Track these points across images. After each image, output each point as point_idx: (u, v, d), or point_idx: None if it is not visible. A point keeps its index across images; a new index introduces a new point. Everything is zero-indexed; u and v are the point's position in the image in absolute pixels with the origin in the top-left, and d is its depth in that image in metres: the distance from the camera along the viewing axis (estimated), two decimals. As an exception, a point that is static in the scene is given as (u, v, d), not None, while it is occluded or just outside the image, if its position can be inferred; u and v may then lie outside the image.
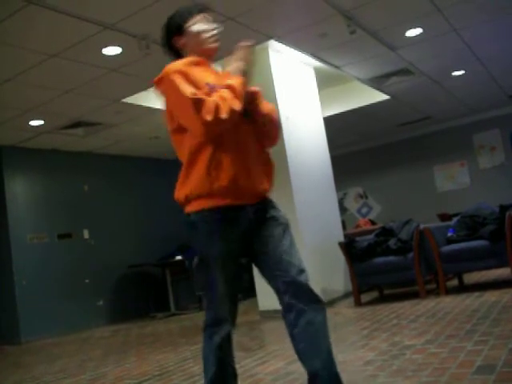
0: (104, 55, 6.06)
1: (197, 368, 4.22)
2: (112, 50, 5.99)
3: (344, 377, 3.18)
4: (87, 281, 9.51)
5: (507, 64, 8.95)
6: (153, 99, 8.02)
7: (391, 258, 6.36)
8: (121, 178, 10.66)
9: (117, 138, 9.58)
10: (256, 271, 7.18)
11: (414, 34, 6.97)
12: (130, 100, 7.71)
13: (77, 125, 8.45)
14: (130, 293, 10.10)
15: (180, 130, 2.34)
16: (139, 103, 7.90)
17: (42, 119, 7.89)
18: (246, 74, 2.33)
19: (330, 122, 8.54)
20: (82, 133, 8.88)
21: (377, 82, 8.89)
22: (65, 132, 8.67)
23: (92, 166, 10.19)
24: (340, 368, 3.38)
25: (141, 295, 10.23)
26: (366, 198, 14.02)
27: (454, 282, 6.82)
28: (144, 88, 7.36)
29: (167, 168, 11.47)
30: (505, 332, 3.69)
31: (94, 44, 5.73)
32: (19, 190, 9.01)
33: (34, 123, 7.99)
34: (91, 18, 5.16)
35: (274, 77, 6.76)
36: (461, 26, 6.93)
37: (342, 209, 13.07)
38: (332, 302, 6.83)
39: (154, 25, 5.50)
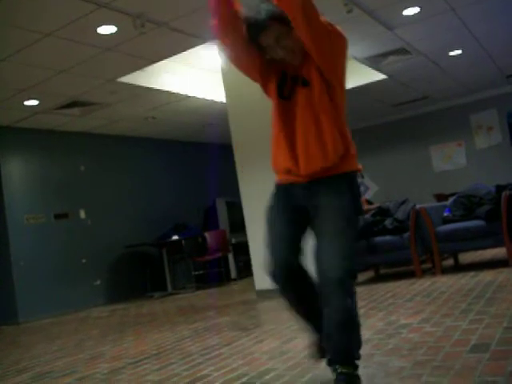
0: (99, 34, 6.01)
1: (194, 347, 4.24)
2: (107, 29, 5.94)
3: (340, 355, 3.20)
4: (84, 261, 9.53)
5: (505, 44, 8.91)
6: (148, 78, 7.98)
7: (387, 238, 6.38)
8: (117, 158, 10.64)
9: (113, 118, 9.54)
10: (252, 252, 7.15)
11: (411, 13, 6.92)
12: (125, 79, 7.66)
13: (72, 105, 8.41)
14: (127, 273, 10.14)
15: None
16: (135, 83, 7.85)
17: (37, 99, 7.84)
18: None
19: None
20: (78, 113, 8.84)
21: (374, 62, 8.85)
22: (60, 112, 8.63)
23: (88, 146, 10.16)
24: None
25: (138, 275, 10.26)
26: (363, 177, 14.00)
27: (450, 262, 6.86)
28: (139, 67, 7.32)
29: (164, 148, 11.51)
30: (499, 311, 3.72)
31: (88, 23, 5.68)
32: (15, 170, 8.99)
33: (29, 103, 7.95)
34: (86, -4, 5.11)
35: None
36: (458, 5, 6.88)
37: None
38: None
39: (148, 3, 5.48)
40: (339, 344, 2.43)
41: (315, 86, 2.45)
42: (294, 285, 2.55)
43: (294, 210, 2.55)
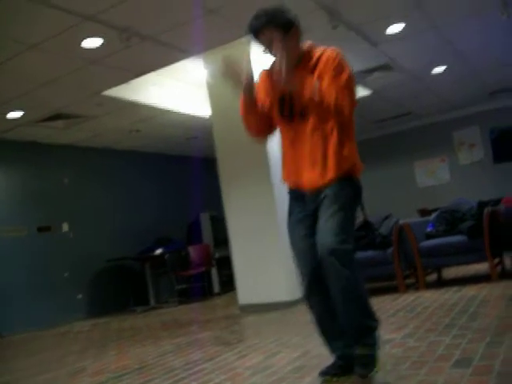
0: (84, 47, 5.99)
1: (177, 362, 4.21)
2: (92, 42, 5.92)
3: (323, 370, 3.19)
4: (66, 274, 9.45)
5: (488, 61, 9.03)
6: (133, 92, 7.96)
7: (371, 253, 6.39)
8: (101, 171, 10.58)
9: (97, 131, 9.51)
10: (235, 266, 7.15)
11: (395, 30, 6.99)
12: (110, 92, 7.64)
13: (57, 117, 8.36)
14: (109, 286, 10.05)
15: None
16: (120, 96, 7.83)
17: (21, 110, 7.79)
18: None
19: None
20: (62, 125, 8.79)
21: (358, 77, 8.90)
22: (44, 124, 8.58)
23: (72, 158, 10.10)
24: (318, 361, 3.40)
25: (120, 289, 10.18)
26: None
27: (433, 277, 6.87)
28: (125, 80, 7.30)
29: (148, 161, 11.48)
30: (482, 326, 3.73)
31: (74, 35, 5.66)
32: (-2, 182, 8.91)
33: (12, 115, 7.89)
34: (71, 8, 5.08)
35: (254, 72, 6.72)
36: (442, 23, 6.96)
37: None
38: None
39: (135, 17, 5.48)
40: (347, 316, 2.69)
41: (312, 119, 2.78)
42: (323, 297, 2.80)
43: (307, 217, 2.84)
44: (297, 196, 2.90)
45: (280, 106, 2.89)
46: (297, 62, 2.81)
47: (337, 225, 2.68)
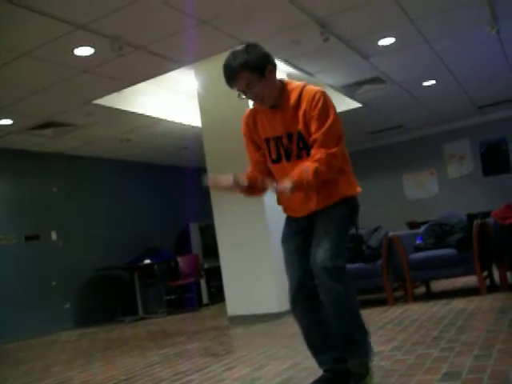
0: (76, 55, 5.98)
1: (165, 373, 4.18)
2: (84, 51, 5.91)
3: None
4: (54, 283, 9.38)
5: (477, 75, 9.10)
6: (125, 101, 7.95)
7: (360, 265, 6.40)
8: (90, 180, 10.54)
9: (87, 140, 9.48)
10: (224, 277, 7.16)
11: (386, 43, 7.03)
12: (101, 102, 7.63)
13: (47, 125, 8.33)
14: (97, 296, 9.99)
15: None
16: (111, 105, 7.82)
17: (10, 118, 7.76)
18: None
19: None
20: (52, 134, 8.75)
21: (349, 90, 8.95)
22: (34, 132, 8.54)
23: (61, 167, 10.06)
24: (306, 374, 3.40)
25: (108, 299, 10.12)
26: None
27: (422, 290, 6.89)
28: (116, 90, 7.29)
29: (138, 171, 11.46)
30: (470, 339, 3.74)
31: (65, 44, 5.64)
32: (-14, 190, 8.86)
33: (1, 122, 7.85)
34: (63, 17, 5.07)
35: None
36: (433, 37, 7.01)
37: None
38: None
39: (127, 26, 5.49)
40: (340, 329, 2.76)
41: (305, 157, 2.77)
42: (308, 306, 2.87)
43: (301, 231, 2.91)
44: (292, 221, 2.99)
45: (268, 151, 2.91)
46: (276, 102, 2.80)
47: (330, 242, 2.74)
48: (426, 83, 9.16)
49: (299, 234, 2.92)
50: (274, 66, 2.78)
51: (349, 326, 2.75)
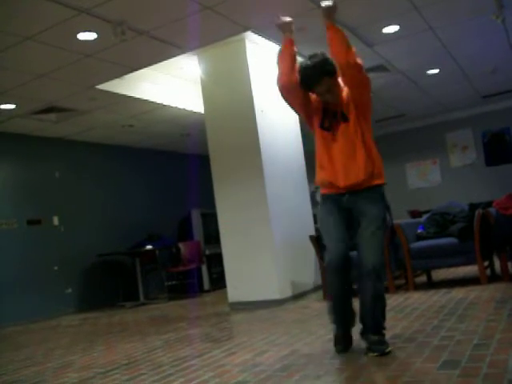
0: (79, 40, 5.97)
1: (165, 358, 4.21)
2: (87, 35, 5.89)
3: (311, 369, 3.21)
4: (56, 268, 9.41)
5: (482, 64, 9.05)
6: (127, 86, 7.94)
7: (361, 253, 6.39)
8: (93, 166, 10.54)
9: (90, 125, 9.47)
10: (226, 263, 7.17)
11: (391, 31, 7.00)
12: (104, 86, 7.61)
13: (49, 110, 8.33)
14: (99, 281, 10.02)
15: None
16: (114, 90, 7.80)
17: (13, 103, 7.75)
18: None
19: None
20: (55, 118, 8.75)
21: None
22: (37, 117, 8.54)
23: (64, 152, 10.05)
24: (306, 360, 3.41)
25: (110, 284, 10.15)
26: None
27: (423, 279, 6.90)
28: (119, 75, 7.28)
29: (140, 157, 11.45)
30: (470, 328, 3.75)
31: (69, 28, 5.63)
32: (-12, 174, 8.87)
33: (5, 107, 7.85)
34: (67, 1, 5.06)
35: (249, 69, 6.72)
36: (437, 25, 6.98)
37: (314, 202, 13.06)
38: (301, 296, 6.86)
39: (130, 11, 5.46)
40: (373, 314, 3.40)
41: (352, 120, 3.40)
42: (343, 273, 3.47)
43: (340, 211, 3.51)
44: (332, 199, 3.55)
45: (322, 121, 3.50)
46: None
47: (378, 244, 3.42)
48: (429, 72, 9.12)
49: (340, 212, 3.50)
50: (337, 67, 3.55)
51: (380, 313, 3.44)
